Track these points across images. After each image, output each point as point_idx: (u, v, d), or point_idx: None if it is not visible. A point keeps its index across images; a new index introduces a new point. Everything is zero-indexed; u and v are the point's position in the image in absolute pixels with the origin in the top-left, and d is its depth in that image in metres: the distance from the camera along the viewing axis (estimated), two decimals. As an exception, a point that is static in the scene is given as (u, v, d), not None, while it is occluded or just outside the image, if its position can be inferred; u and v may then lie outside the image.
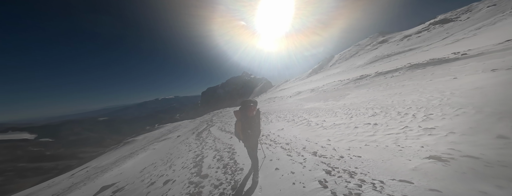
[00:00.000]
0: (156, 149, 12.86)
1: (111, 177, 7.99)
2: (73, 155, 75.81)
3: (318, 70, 57.07)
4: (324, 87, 15.59)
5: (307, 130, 5.08)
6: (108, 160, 21.18)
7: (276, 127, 6.34)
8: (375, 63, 26.64)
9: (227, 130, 8.32)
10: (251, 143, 2.45)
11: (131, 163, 9.99)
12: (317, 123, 5.49)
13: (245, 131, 2.35)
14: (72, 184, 11.01)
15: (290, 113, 8.62)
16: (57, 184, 16.07)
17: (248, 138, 2.39)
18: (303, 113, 7.55)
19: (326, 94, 11.50)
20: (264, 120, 8.82)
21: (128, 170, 8.28)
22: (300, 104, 11.36)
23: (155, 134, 31.83)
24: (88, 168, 20.71)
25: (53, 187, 14.68)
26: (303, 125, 5.65)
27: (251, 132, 2.37)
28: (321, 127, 4.93)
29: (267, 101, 24.37)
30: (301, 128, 5.48)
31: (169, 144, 13.24)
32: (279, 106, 13.72)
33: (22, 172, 59.00)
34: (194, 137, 9.10)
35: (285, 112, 9.87)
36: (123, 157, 17.00)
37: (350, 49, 59.86)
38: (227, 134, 7.28)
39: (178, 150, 6.80)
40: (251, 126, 2.36)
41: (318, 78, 33.38)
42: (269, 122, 7.91)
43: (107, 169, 12.29)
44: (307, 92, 17.50)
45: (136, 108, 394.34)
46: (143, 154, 12.50)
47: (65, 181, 16.01)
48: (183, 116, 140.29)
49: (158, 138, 23.71)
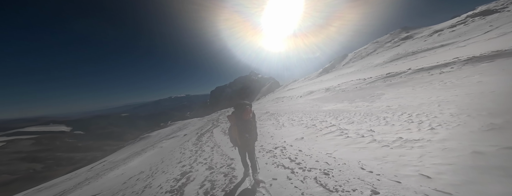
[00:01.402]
0: (162, 148, 12.48)
1: (113, 178, 7.35)
2: (99, 147, 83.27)
3: (329, 69, 52.85)
4: (342, 87, 13.30)
5: (349, 144, 3.19)
6: (123, 155, 21.75)
7: (291, 134, 4.75)
8: (397, 62, 22.87)
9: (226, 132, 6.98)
10: (249, 148, 2.22)
11: (136, 162, 9.58)
12: (359, 133, 3.59)
13: (243, 136, 2.11)
14: (76, 184, 10.83)
15: (307, 116, 6.88)
16: (78, 176, 16.67)
17: (246, 143, 2.16)
18: (326, 116, 5.74)
19: (347, 94, 9.41)
20: (274, 122, 7.25)
21: (130, 170, 7.65)
22: (316, 105, 9.51)
23: (166, 131, 32.37)
24: (105, 162, 21.47)
25: (73, 179, 15.15)
26: (334, 135, 3.85)
27: (249, 136, 2.13)
28: (375, 142, 2.94)
29: (275, 100, 22.70)
30: (335, 139, 3.63)
31: (174, 143, 12.61)
32: (290, 107, 11.99)
33: (59, 161, 66.43)
34: (194, 139, 7.93)
35: (298, 113, 8.15)
36: (134, 153, 17.02)
37: (366, 47, 54.05)
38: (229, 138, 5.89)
39: (170, 158, 5.57)
40: (248, 130, 2.11)
41: (330, 78, 30.39)
42: (281, 126, 6.33)
43: (116, 166, 12.01)
44: (320, 91, 15.35)
45: (152, 105, 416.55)
46: (149, 153, 12.17)
47: (84, 173, 16.54)
48: (193, 113, 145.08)
49: (168, 135, 23.97)
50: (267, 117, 10.12)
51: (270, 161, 3.00)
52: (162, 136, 26.35)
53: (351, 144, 3.16)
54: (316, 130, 4.51)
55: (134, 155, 15.10)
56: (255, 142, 2.29)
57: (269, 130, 6.13)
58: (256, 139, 2.28)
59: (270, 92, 61.19)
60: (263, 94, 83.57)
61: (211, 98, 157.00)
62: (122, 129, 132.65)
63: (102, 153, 49.25)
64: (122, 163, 12.30)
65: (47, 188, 15.42)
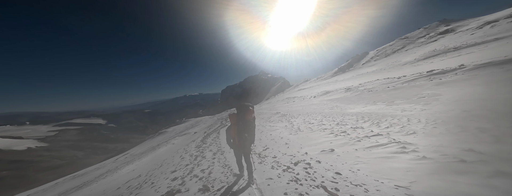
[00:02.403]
0: (173, 145, 12.52)
1: (125, 173, 7.22)
2: (127, 139, 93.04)
3: (345, 68, 47.98)
4: (367, 86, 11.14)
5: (436, 171, 1.76)
6: (142, 148, 23.11)
7: (314, 143, 3.53)
8: (433, 59, 18.80)
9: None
10: (245, 149, 2.15)
11: (148, 158, 9.61)
12: (445, 152, 2.05)
13: (242, 135, 2.08)
14: (98, 176, 11.35)
15: (329, 119, 5.48)
16: (104, 166, 18.14)
17: (243, 144, 2.10)
18: (360, 121, 4.26)
19: (378, 95, 7.52)
20: (287, 125, 6.05)
21: (141, 166, 7.50)
22: (336, 106, 7.91)
23: (181, 127, 33.66)
24: (128, 154, 23.11)
25: (99, 170, 16.46)
26: (389, 150, 2.45)
27: (248, 135, 2.11)
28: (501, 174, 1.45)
29: (285, 100, 21.18)
30: (396, 159, 2.22)
31: (184, 141, 12.44)
32: (303, 107, 10.54)
33: (95, 150, 76.34)
34: (199, 141, 7.24)
35: (316, 115, 6.77)
36: (150, 148, 17.73)
37: (392, 44, 47.26)
38: None
39: (169, 163, 4.81)
40: (247, 130, 2.09)
41: (347, 77, 27.21)
42: (296, 130, 5.10)
43: (132, 161, 12.36)
44: (339, 91, 13.34)
45: (170, 103, 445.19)
46: (162, 149, 12.30)
47: (109, 164, 17.86)
48: (204, 111, 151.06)
49: (181, 132, 24.73)
50: (278, 118, 8.93)
51: (291, 189, 1.89)
52: (177, 132, 27.40)
53: (440, 171, 1.73)
54: (351, 140, 3.19)
55: (149, 150, 15.61)
56: (252, 144, 2.25)
57: (282, 135, 4.99)
58: (253, 141, 2.24)
59: (280, 92, 59.01)
60: (273, 94, 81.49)
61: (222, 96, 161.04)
62: (145, 124, 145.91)
63: (128, 145, 54.42)
64: (137, 158, 12.69)
65: (80, 175, 16.97)
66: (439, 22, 45.55)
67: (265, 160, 3.11)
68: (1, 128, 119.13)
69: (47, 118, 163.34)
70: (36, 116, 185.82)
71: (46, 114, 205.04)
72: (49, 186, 16.56)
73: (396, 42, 47.44)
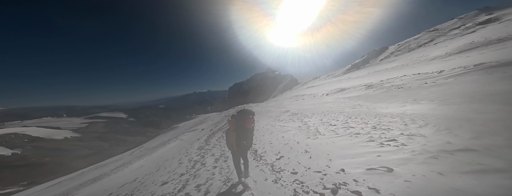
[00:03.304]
0: (182, 141, 12.42)
1: (135, 169, 7.06)
2: (144, 133, 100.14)
3: (360, 65, 43.78)
4: (394, 82, 9.33)
5: None
6: (155, 143, 24.06)
7: (347, 153, 2.50)
8: (470, 52, 15.49)
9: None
10: (242, 153, 2.24)
11: (158, 154, 9.53)
12: None
13: (240, 142, 2.07)
14: (114, 168, 11.66)
15: (357, 120, 4.27)
16: (122, 158, 19.19)
17: (241, 149, 2.14)
18: (412, 126, 3.00)
19: (417, 92, 5.87)
20: (301, 126, 5.00)
21: (149, 162, 7.31)
22: (359, 105, 6.56)
23: (190, 123, 34.45)
24: (143, 148, 24.28)
25: (118, 161, 17.43)
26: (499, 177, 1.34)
27: (246, 143, 2.11)
28: None
29: (294, 98, 19.81)
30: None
31: (191, 138, 12.19)
32: (316, 106, 9.30)
33: (118, 142, 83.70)
34: (203, 140, 6.60)
35: (335, 115, 5.57)
36: (162, 143, 18.16)
37: (418, 37, 41.27)
38: None
39: (165, 167, 4.23)
40: (246, 137, 2.10)
41: (362, 74, 24.47)
42: (315, 132, 4.04)
43: (144, 155, 12.56)
44: (358, 89, 11.62)
45: (181, 99, 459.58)
46: (171, 144, 12.25)
47: (126, 157, 18.80)
48: (213, 108, 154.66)
49: (190, 128, 25.13)
50: (288, 116, 7.90)
51: None
52: (187, 128, 28.01)
53: None
54: (417, 155, 2.04)
55: (160, 145, 15.90)
56: (248, 150, 2.26)
57: (298, 138, 4.00)
58: (251, 146, 2.27)
59: (287, 90, 56.92)
60: (280, 92, 79.31)
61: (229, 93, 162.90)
62: (159, 119, 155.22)
63: (145, 138, 58.26)
64: (148, 153, 12.87)
65: (101, 166, 18.11)
66: (478, 11, 38.10)
67: (281, 177, 2.21)
68: (43, 119, 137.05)
69: (80, 111, 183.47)
70: (71, 109, 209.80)
71: (78, 107, 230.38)
72: (76, 174, 17.94)
73: (422, 35, 41.46)
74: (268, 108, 14.23)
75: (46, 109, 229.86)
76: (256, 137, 5.15)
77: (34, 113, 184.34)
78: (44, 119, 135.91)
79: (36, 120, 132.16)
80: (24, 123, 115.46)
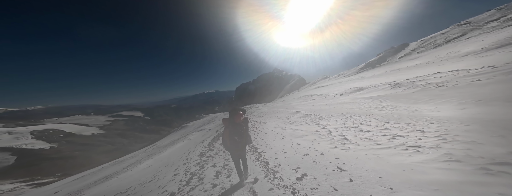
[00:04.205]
0: (190, 141, 12.25)
1: (141, 170, 6.92)
2: (158, 131, 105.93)
3: (375, 64, 39.99)
4: (431, 80, 7.71)
5: None
6: (166, 141, 24.69)
7: (411, 177, 1.53)
8: None
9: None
10: (241, 152, 2.24)
11: (166, 154, 9.40)
12: None
13: (232, 138, 2.14)
14: (127, 166, 11.83)
15: (401, 126, 3.22)
16: (136, 156, 19.96)
17: (235, 145, 2.16)
18: None
19: (471, 91, 4.51)
20: (320, 130, 4.04)
21: (156, 162, 7.12)
22: (389, 105, 5.35)
23: (199, 122, 34.98)
24: (155, 146, 25.12)
25: (133, 158, 18.11)
26: None
27: (238, 138, 2.16)
28: None
29: (302, 98, 18.53)
30: None
31: (198, 138, 11.90)
32: (331, 107, 8.16)
33: (135, 139, 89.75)
34: (206, 144, 6.00)
35: (363, 118, 4.51)
36: (171, 142, 18.40)
37: (445, 32, 36.04)
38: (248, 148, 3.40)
39: (159, 178, 3.54)
40: (238, 133, 2.16)
41: (378, 73, 22.02)
42: (341, 139, 3.09)
43: (152, 155, 12.63)
44: (380, 88, 10.05)
45: (191, 99, 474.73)
46: (179, 144, 12.15)
47: (140, 155, 19.48)
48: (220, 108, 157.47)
49: (198, 127, 25.31)
50: (299, 118, 6.94)
51: None
52: (195, 127, 28.39)
53: None
54: None
55: (170, 144, 16.02)
56: (246, 145, 2.30)
57: (321, 148, 3.09)
58: (249, 142, 2.30)
59: (295, 90, 54.90)
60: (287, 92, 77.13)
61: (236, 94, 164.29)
62: (171, 118, 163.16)
63: (158, 136, 61.24)
64: (158, 152, 12.93)
65: (119, 162, 18.95)
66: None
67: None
68: (75, 117, 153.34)
69: (104, 109, 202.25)
70: (97, 108, 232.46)
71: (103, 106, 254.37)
72: (97, 169, 19.03)
73: (451, 29, 36.22)
74: (275, 109, 13.30)
75: (78, 108, 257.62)
76: (265, 142, 4.35)
77: (68, 111, 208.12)
78: (75, 117, 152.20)
79: (69, 117, 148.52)
80: (60, 120, 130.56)
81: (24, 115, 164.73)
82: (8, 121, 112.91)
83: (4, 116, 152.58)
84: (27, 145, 63.54)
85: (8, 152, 55.81)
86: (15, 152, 56.53)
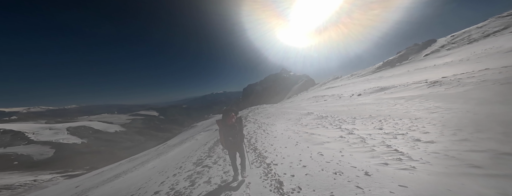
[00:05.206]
0: (197, 141, 11.96)
1: (146, 170, 6.69)
2: (170, 130, 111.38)
3: (395, 62, 35.97)
4: (487, 76, 5.93)
5: None
6: (176, 141, 25.18)
7: None
8: None
9: (256, 146, 3.68)
10: (238, 149, 2.27)
11: (173, 154, 9.16)
12: None
13: (227, 139, 2.18)
14: (137, 164, 11.90)
15: (487, 135, 2.07)
16: (149, 153, 20.58)
17: (231, 146, 2.21)
18: None
19: None
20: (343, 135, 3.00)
21: (162, 163, 6.83)
22: (438, 107, 4.03)
23: (207, 122, 35.30)
24: (165, 145, 25.79)
25: (146, 156, 18.62)
26: None
27: (233, 139, 2.17)
28: None
29: (313, 99, 17.04)
30: None
31: (204, 139, 11.49)
32: (350, 108, 6.94)
33: (151, 137, 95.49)
34: (207, 148, 5.33)
35: (410, 122, 3.38)
36: (180, 142, 18.49)
37: (482, 26, 30.73)
38: (256, 156, 2.58)
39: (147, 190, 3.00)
40: (232, 134, 2.17)
41: (399, 73, 19.37)
42: (389, 153, 2.01)
43: (162, 154, 12.58)
44: (412, 87, 8.30)
45: (201, 99, 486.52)
46: (186, 144, 11.91)
47: (152, 152, 20.02)
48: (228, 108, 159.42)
49: (206, 127, 25.32)
50: (314, 120, 5.90)
51: None
52: (203, 127, 28.59)
53: None
54: None
55: (177, 144, 16.01)
56: (242, 143, 2.30)
57: (360, 163, 2.04)
58: (243, 140, 2.29)
59: (303, 91, 52.53)
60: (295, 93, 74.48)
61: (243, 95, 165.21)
62: (182, 117, 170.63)
63: (171, 134, 63.97)
64: (166, 151, 12.87)
65: (133, 159, 19.66)
66: None
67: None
68: (102, 115, 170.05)
69: (126, 109, 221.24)
70: (120, 107, 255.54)
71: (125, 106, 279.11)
72: (115, 165, 19.97)
73: (490, 22, 30.78)
74: (283, 109, 12.23)
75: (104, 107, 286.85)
76: (275, 148, 3.46)
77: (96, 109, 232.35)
78: (102, 115, 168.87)
79: (97, 115, 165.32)
80: (90, 118, 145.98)
81: (62, 113, 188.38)
82: (49, 118, 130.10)
83: (46, 114, 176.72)
84: (64, 140, 71.78)
85: (49, 146, 63.61)
86: (54, 146, 64.14)
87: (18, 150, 56.26)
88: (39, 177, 33.81)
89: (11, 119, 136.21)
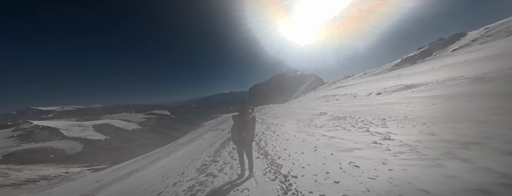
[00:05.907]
0: (204, 140, 11.82)
1: (155, 170, 6.67)
2: (180, 128, 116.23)
3: (416, 59, 32.33)
4: None
5: None
6: (185, 139, 25.71)
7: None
8: None
9: (267, 151, 3.12)
10: (246, 146, 2.33)
11: (180, 154, 9.10)
12: None
13: (241, 133, 2.25)
14: (148, 163, 12.16)
15: None
16: (160, 151, 21.29)
17: (242, 141, 2.28)
18: None
19: None
20: (380, 141, 2.24)
21: (170, 163, 6.74)
22: (505, 108, 3.02)
23: (214, 122, 35.68)
24: (175, 143, 26.54)
25: (158, 154, 19.27)
26: None
27: (246, 134, 2.25)
28: None
29: (322, 99, 15.85)
30: None
31: (211, 138, 11.27)
32: (371, 108, 6.03)
33: (163, 135, 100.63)
34: (213, 151, 4.89)
35: (469, 126, 2.50)
36: (188, 141, 18.73)
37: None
38: (268, 164, 2.05)
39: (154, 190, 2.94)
40: (246, 129, 2.27)
41: (422, 70, 17.04)
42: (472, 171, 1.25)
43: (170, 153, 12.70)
44: (449, 85, 6.85)
45: (208, 99, 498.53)
46: (194, 144, 11.85)
47: (162, 151, 20.67)
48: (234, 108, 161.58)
49: (214, 127, 25.44)
50: (330, 122, 5.16)
51: None
52: (211, 126, 28.86)
53: None
54: None
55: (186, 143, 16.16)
56: (252, 142, 2.37)
57: (427, 184, 1.33)
58: (253, 139, 2.36)
59: (311, 91, 50.35)
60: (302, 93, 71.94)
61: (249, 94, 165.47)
62: (192, 117, 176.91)
63: (180, 133, 66.53)
64: (175, 150, 12.97)
65: (147, 156, 20.54)
66: None
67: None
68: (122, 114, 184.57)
69: (142, 108, 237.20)
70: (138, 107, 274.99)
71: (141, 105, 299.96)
72: (131, 162, 21.00)
73: None
74: (292, 109, 11.43)
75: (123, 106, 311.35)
76: (290, 154, 2.86)
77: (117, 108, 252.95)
78: (122, 114, 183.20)
79: (118, 114, 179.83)
80: (112, 116, 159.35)
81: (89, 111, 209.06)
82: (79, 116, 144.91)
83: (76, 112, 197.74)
84: (90, 136, 79.24)
85: (78, 141, 70.70)
86: (82, 141, 71.06)
87: (54, 144, 63.46)
88: (70, 169, 37.56)
89: (48, 116, 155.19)
